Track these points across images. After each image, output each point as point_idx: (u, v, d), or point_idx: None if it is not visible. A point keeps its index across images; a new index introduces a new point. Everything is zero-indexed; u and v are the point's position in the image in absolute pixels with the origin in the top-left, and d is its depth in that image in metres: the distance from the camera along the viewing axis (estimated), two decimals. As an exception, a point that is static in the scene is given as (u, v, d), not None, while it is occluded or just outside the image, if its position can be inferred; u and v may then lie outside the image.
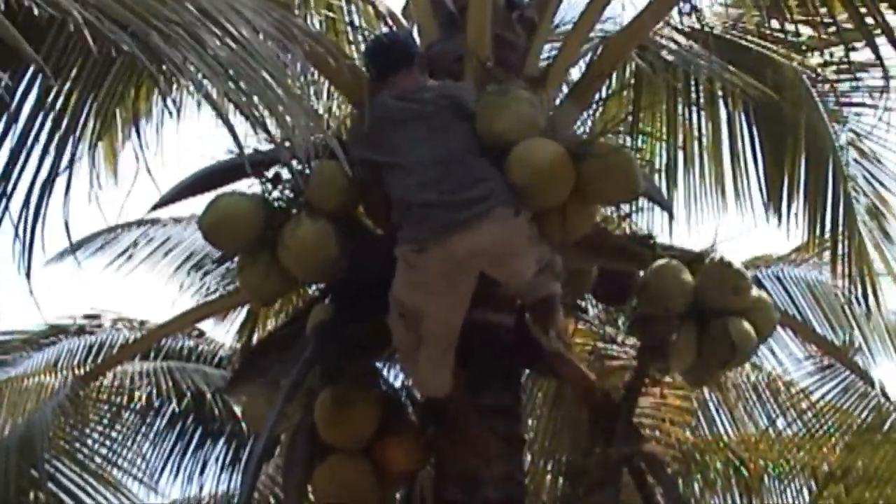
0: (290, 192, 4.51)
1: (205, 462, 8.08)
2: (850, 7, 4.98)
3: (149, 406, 7.71)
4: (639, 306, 4.92)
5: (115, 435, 7.36)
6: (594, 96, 5.54)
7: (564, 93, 5.34)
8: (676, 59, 6.16)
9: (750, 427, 7.89)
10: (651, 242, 5.05)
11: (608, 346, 6.20)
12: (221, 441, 8.06)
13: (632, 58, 6.04)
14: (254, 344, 6.61)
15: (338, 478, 4.55)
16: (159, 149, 5.94)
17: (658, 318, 4.78)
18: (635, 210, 6.12)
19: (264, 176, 4.53)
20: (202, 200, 4.64)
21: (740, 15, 6.39)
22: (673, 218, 6.27)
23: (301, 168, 4.38)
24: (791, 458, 7.83)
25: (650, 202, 5.99)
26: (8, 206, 3.94)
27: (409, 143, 4.27)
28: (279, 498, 6.92)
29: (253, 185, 4.62)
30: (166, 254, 8.59)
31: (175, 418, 7.89)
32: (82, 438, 6.83)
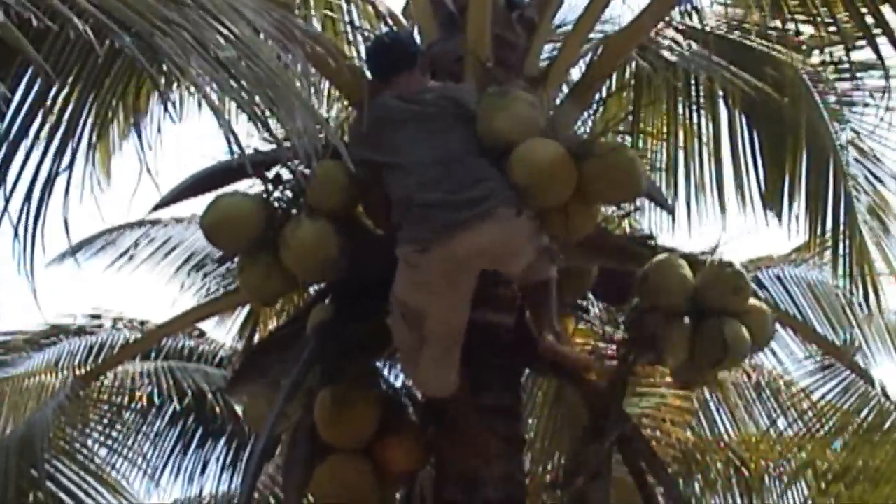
0: (290, 192, 4.52)
1: (205, 462, 8.07)
2: (850, 6, 4.98)
3: (149, 406, 7.70)
4: (638, 299, 4.92)
5: (116, 435, 7.36)
6: (594, 96, 5.54)
7: (565, 93, 5.34)
8: (677, 58, 6.15)
9: (750, 427, 7.89)
10: (652, 243, 5.05)
11: (608, 346, 6.18)
12: (222, 441, 8.06)
13: (632, 58, 6.04)
14: (254, 344, 6.61)
15: (338, 478, 4.55)
16: (160, 149, 5.92)
17: (651, 310, 4.78)
18: (636, 210, 6.12)
19: (265, 176, 4.54)
20: (203, 200, 4.65)
21: (740, 14, 6.38)
22: (674, 218, 6.29)
23: (302, 168, 4.38)
24: (792, 457, 7.83)
25: (651, 202, 5.99)
26: (7, 206, 3.93)
27: (409, 144, 4.27)
28: (279, 498, 6.92)
29: (253, 185, 4.63)
30: (167, 254, 8.58)
31: (176, 418, 7.88)
32: (82, 438, 6.83)
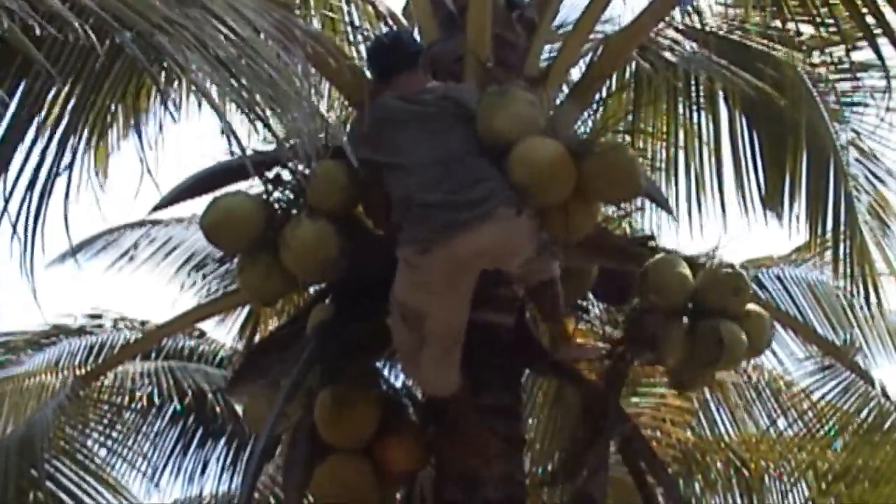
0: (290, 192, 4.51)
1: (206, 462, 8.07)
2: (850, 6, 4.97)
3: (150, 406, 7.70)
4: (638, 299, 4.93)
5: (116, 435, 7.36)
6: (594, 96, 5.54)
7: (565, 93, 5.34)
8: (677, 58, 6.15)
9: (751, 427, 7.89)
10: (652, 244, 5.05)
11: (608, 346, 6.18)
12: (222, 441, 8.06)
13: (632, 57, 6.03)
14: (254, 344, 6.61)
15: (338, 478, 4.55)
16: (160, 149, 5.92)
17: (651, 310, 4.79)
18: (636, 210, 6.12)
19: (265, 177, 4.53)
20: (204, 201, 4.64)
21: (741, 14, 6.38)
22: (674, 218, 6.28)
23: (303, 168, 4.38)
24: (792, 458, 7.83)
25: (651, 202, 5.99)
26: (7, 206, 3.93)
27: (410, 144, 4.27)
28: (279, 498, 6.92)
29: (253, 185, 4.62)
30: (167, 254, 8.58)
31: (176, 418, 7.88)
32: (83, 438, 6.83)
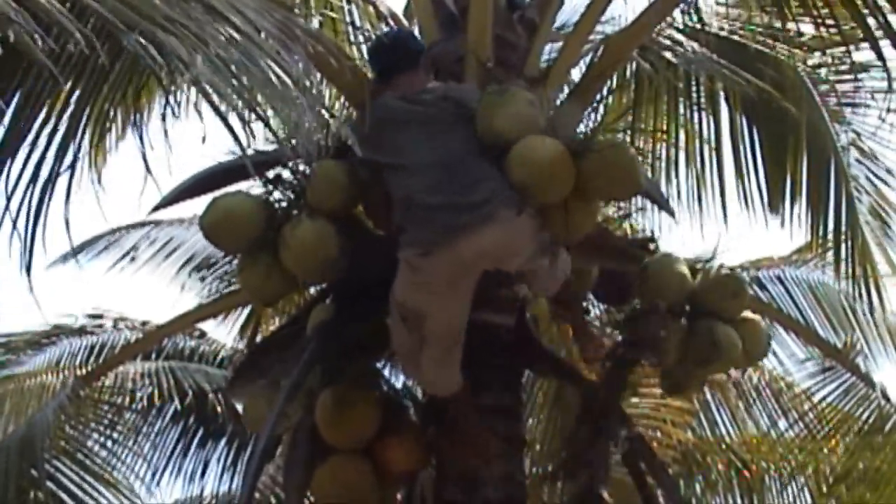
0: (291, 192, 4.51)
1: (206, 462, 8.08)
2: (851, 7, 4.97)
3: (150, 406, 7.71)
4: (638, 300, 4.93)
5: (116, 435, 7.36)
6: (595, 97, 5.53)
7: (565, 93, 5.34)
8: (677, 58, 6.15)
9: (751, 428, 7.89)
10: (653, 245, 5.05)
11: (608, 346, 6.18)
12: (223, 441, 8.06)
13: (632, 57, 6.03)
14: (254, 344, 6.61)
15: (338, 478, 4.54)
16: (161, 150, 5.90)
17: (651, 310, 4.79)
18: (637, 210, 6.12)
19: (266, 177, 4.53)
20: (204, 201, 4.64)
21: (741, 15, 6.38)
22: (674, 218, 6.28)
23: (303, 168, 4.38)
24: (792, 459, 7.83)
25: (651, 202, 5.99)
26: (8, 205, 3.93)
27: (411, 145, 4.26)
28: (280, 498, 6.92)
29: (254, 185, 4.62)
30: (168, 255, 8.58)
31: (176, 418, 7.89)
32: (83, 438, 6.83)
